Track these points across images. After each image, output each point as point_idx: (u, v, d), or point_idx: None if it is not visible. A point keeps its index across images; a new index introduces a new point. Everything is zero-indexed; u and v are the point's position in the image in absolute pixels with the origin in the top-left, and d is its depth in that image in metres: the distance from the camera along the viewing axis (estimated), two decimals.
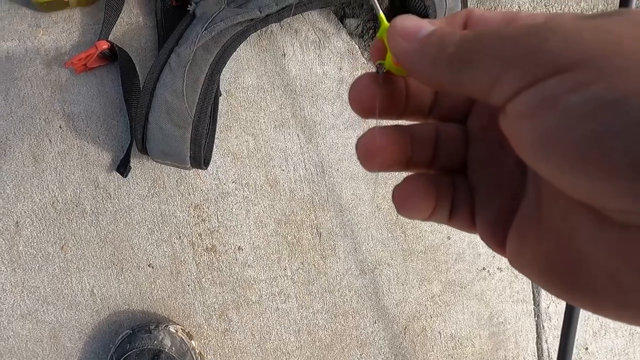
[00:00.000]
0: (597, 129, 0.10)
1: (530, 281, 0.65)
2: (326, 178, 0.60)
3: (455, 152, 0.17)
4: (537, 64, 0.11)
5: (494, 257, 0.64)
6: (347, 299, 0.61)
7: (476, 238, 0.61)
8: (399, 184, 0.18)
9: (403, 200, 0.17)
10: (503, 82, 0.12)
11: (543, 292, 0.65)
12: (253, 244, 0.59)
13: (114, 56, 0.54)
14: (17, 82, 0.55)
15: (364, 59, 0.60)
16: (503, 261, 0.64)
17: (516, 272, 0.63)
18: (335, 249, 0.61)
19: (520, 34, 0.12)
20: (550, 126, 0.11)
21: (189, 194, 0.57)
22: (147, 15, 0.57)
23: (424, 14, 0.52)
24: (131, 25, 0.56)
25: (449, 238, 0.63)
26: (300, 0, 0.49)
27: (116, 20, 0.55)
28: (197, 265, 0.58)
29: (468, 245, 0.63)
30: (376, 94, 0.16)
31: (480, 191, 0.17)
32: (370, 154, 0.17)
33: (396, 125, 0.17)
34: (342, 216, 0.60)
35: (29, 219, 0.56)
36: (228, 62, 0.51)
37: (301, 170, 0.59)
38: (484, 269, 0.64)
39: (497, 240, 0.16)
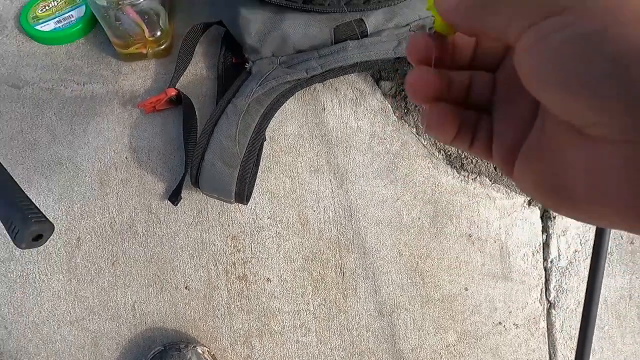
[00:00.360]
0: (575, 58, 0.14)
1: (546, 340, 0.66)
2: (353, 222, 0.65)
3: (483, 94, 0.21)
4: (537, 9, 0.15)
5: (510, 312, 0.65)
6: (364, 339, 0.64)
7: (493, 291, 0.64)
8: (432, 106, 0.21)
9: (432, 120, 0.21)
10: (513, 25, 0.15)
11: (559, 353, 0.66)
12: (281, 276, 0.64)
13: (179, 101, 0.63)
14: (96, 118, 0.64)
15: (394, 117, 0.67)
16: (519, 317, 0.66)
17: (532, 330, 0.64)
18: (357, 289, 0.65)
19: None
20: (542, 57, 0.14)
21: (229, 225, 0.64)
22: (210, 68, 0.66)
23: None
24: (196, 76, 0.66)
25: (466, 289, 0.65)
26: (341, 65, 0.56)
27: (184, 71, 0.64)
28: (228, 291, 0.64)
29: (485, 299, 0.65)
30: (431, 47, 0.21)
31: (500, 125, 0.20)
32: (415, 86, 0.21)
33: (439, 70, 0.21)
34: (365, 258, 0.65)
35: (88, 236, 0.63)
36: None
37: (330, 213, 0.65)
38: (500, 323, 0.66)
39: (508, 164, 0.19)
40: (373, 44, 0.58)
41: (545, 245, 0.68)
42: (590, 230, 0.68)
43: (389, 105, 0.67)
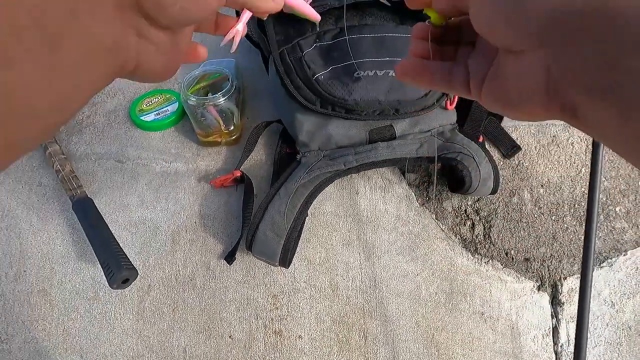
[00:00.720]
0: (493, 5, 0.21)
1: None
2: (377, 291, 0.75)
3: (465, 55, 0.27)
4: None
5: None
6: None
7: None
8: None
9: (404, 69, 0.28)
10: None
11: None
12: (311, 335, 0.74)
13: (242, 180, 0.79)
14: (176, 189, 0.81)
15: (417, 204, 0.79)
16: None
17: None
18: (377, 354, 0.73)
19: None
20: (479, 4, 0.21)
21: (271, 285, 0.75)
22: (269, 156, 0.82)
23: (460, 180, 0.71)
24: (257, 161, 0.82)
25: None
26: (373, 161, 0.71)
27: (248, 157, 0.81)
28: (265, 344, 0.74)
29: None
30: (429, 30, 0.28)
31: (474, 69, 0.25)
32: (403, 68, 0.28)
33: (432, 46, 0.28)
34: (386, 326, 0.74)
35: (157, 284, 0.77)
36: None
37: (358, 282, 0.75)
38: None
39: (479, 91, 0.25)
40: (400, 145, 0.72)
41: (555, 329, 0.74)
42: (598, 319, 0.74)
43: (413, 194, 0.79)
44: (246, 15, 0.34)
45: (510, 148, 0.80)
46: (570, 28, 0.18)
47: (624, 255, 0.76)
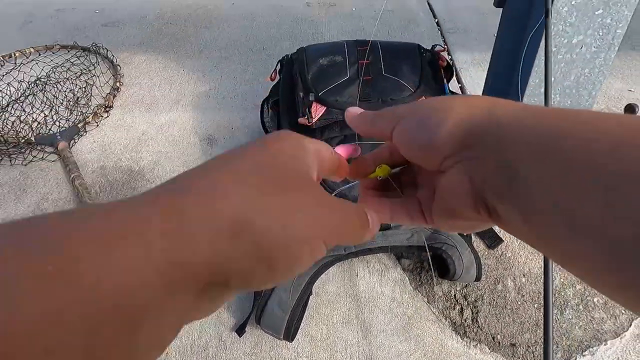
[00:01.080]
0: (411, 136, 0.24)
1: None
2: None
3: (411, 190, 0.29)
4: (395, 117, 0.25)
5: None
6: None
7: None
8: (367, 193, 0.29)
9: (369, 202, 0.28)
10: (386, 128, 0.25)
11: None
12: None
13: None
14: None
15: (411, 287, 0.88)
16: None
17: None
18: None
19: (391, 108, 0.26)
20: (401, 139, 0.24)
21: (276, 357, 0.83)
22: None
23: (446, 268, 0.81)
24: None
25: None
26: (369, 247, 0.82)
27: None
28: None
29: None
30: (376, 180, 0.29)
31: (423, 199, 0.27)
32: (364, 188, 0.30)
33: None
34: None
35: (174, 352, 0.85)
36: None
37: (355, 358, 0.82)
38: None
39: (431, 217, 0.26)
40: (393, 234, 0.83)
41: None
42: None
43: (407, 278, 0.89)
44: None
45: (493, 240, 0.91)
46: (476, 146, 0.21)
47: (605, 344, 0.82)
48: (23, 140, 1.21)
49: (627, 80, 1.41)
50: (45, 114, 1.31)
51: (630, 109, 0.95)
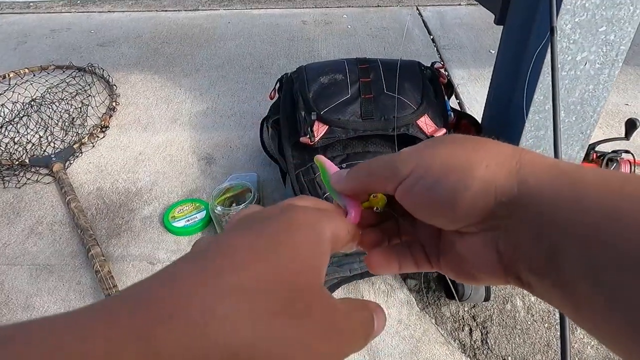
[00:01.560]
0: (429, 199, 0.21)
1: None
2: None
3: (409, 228, 0.26)
4: (396, 174, 0.22)
5: None
6: None
7: None
8: (373, 252, 0.26)
9: (377, 264, 0.26)
10: (388, 186, 0.22)
11: None
12: None
13: None
14: None
15: (417, 308, 0.86)
16: None
17: None
18: None
19: (388, 159, 0.23)
20: (414, 201, 0.22)
21: None
22: None
23: (456, 288, 0.78)
24: None
25: None
26: None
27: None
28: None
29: None
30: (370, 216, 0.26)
31: (428, 245, 0.25)
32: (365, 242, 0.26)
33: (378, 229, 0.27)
34: None
35: None
36: None
37: None
38: None
39: (439, 266, 0.25)
40: None
41: None
42: None
43: (413, 299, 0.87)
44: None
45: None
46: (505, 218, 0.19)
47: None
48: (17, 162, 1.18)
49: (623, 95, 1.42)
50: (39, 135, 1.29)
51: (631, 123, 0.96)
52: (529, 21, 0.72)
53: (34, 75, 1.55)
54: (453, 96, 1.37)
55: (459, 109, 1.25)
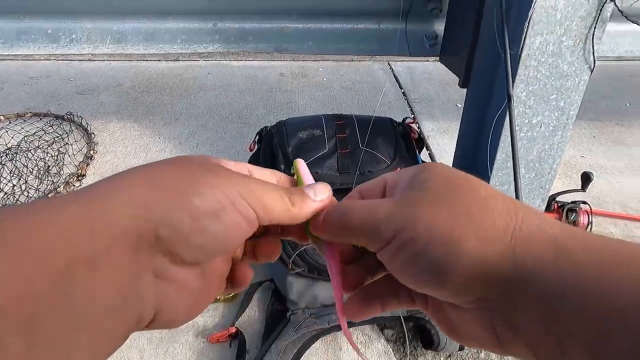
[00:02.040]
0: (416, 267, 0.20)
1: None
2: None
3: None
4: (378, 234, 0.21)
5: None
6: None
7: None
8: (352, 300, 0.26)
9: (356, 313, 0.26)
10: (371, 245, 0.22)
11: None
12: None
13: (236, 335, 0.87)
14: (175, 344, 0.88)
15: (395, 359, 0.87)
16: None
17: None
18: None
19: (368, 213, 0.22)
20: (399, 267, 0.21)
21: None
22: (261, 311, 0.92)
23: (430, 338, 0.81)
24: (250, 316, 0.92)
25: None
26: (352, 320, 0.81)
27: (243, 312, 0.91)
28: None
29: None
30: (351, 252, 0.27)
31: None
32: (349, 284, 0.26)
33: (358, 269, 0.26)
34: None
35: None
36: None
37: None
38: None
39: (426, 307, 0.24)
40: None
41: None
42: None
43: (391, 349, 0.88)
44: None
45: None
46: (498, 299, 0.18)
47: None
48: None
49: (578, 147, 1.53)
50: (13, 183, 1.28)
51: (586, 177, 1.04)
52: (489, 88, 0.79)
53: (10, 123, 1.55)
54: (425, 148, 1.44)
55: (430, 160, 1.32)
